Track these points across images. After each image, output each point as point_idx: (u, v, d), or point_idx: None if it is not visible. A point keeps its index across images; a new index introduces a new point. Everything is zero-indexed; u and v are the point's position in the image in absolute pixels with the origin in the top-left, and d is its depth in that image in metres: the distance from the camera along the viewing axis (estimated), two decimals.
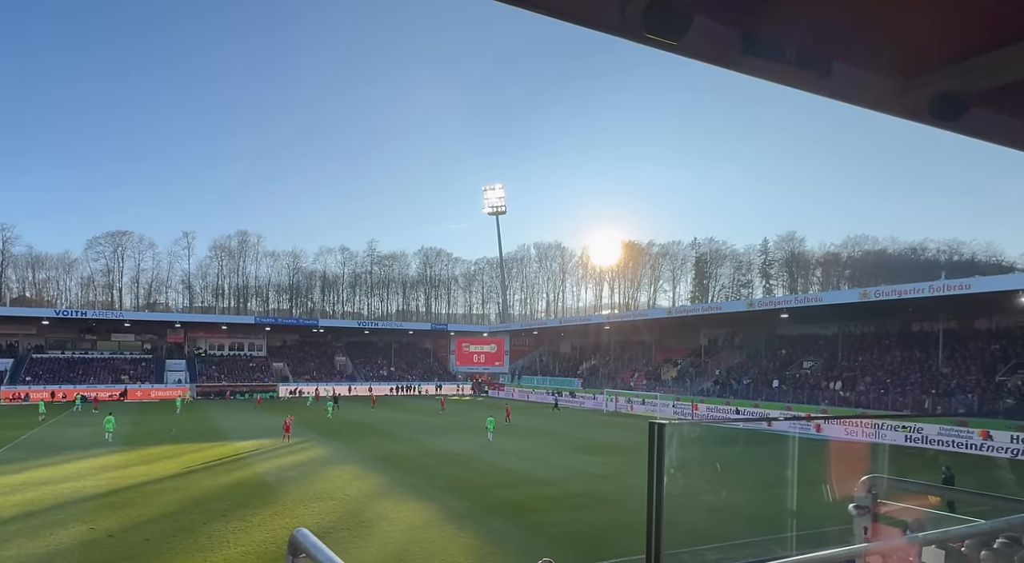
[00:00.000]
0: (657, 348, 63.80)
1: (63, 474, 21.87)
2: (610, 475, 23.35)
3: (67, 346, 64.02)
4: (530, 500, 19.02)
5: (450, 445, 30.46)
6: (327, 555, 1.78)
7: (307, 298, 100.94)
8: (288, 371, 70.17)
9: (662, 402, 50.14)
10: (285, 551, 2.13)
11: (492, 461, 25.76)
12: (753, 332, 53.54)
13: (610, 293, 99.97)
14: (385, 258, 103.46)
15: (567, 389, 62.98)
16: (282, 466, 24.23)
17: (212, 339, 71.54)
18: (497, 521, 16.60)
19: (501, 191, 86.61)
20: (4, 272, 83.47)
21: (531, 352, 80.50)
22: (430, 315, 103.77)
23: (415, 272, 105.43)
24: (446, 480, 21.85)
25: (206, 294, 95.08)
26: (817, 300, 43.61)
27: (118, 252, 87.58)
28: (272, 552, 13.78)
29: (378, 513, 17.24)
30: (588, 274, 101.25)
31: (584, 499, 19.40)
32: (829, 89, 2.33)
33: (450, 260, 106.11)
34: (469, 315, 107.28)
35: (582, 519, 17.05)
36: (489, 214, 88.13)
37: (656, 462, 1.99)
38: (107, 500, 18.24)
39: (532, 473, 23.45)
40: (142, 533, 15.03)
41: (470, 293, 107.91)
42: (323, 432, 34.66)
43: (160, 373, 63.27)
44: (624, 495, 19.89)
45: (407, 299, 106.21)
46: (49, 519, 16.14)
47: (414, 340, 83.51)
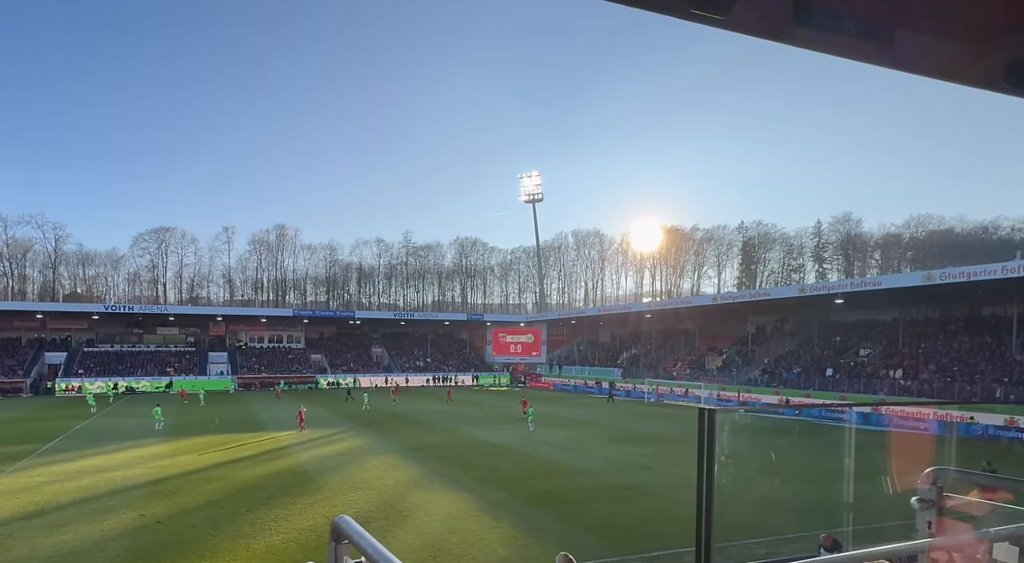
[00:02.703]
0: (701, 336, 62.52)
1: (114, 462, 23.23)
2: (652, 466, 23.08)
3: (116, 340, 67.84)
4: (568, 491, 19.00)
5: (487, 435, 30.74)
6: (369, 541, 1.78)
7: (343, 290, 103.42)
8: (326, 363, 72.27)
9: (706, 391, 49.20)
10: (327, 538, 2.13)
11: (529, 452, 25.85)
12: (804, 318, 51.74)
13: (651, 280, 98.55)
14: (420, 249, 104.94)
15: (607, 379, 62.59)
16: (321, 456, 25.00)
17: (252, 332, 74.32)
18: (535, 512, 16.65)
19: (538, 178, 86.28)
20: (57, 269, 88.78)
21: (569, 342, 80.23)
22: (466, 305, 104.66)
23: (451, 262, 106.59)
24: (483, 470, 22.07)
25: (246, 288, 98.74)
26: (876, 284, 41.62)
27: (162, 248, 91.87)
28: (313, 540, 14.23)
29: (416, 503, 17.57)
30: (628, 261, 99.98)
31: (624, 490, 19.24)
32: (891, 59, 2.14)
33: (486, 249, 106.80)
34: (505, 305, 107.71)
35: (622, 511, 16.91)
36: (525, 202, 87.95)
37: (706, 450, 1.88)
38: (156, 487, 19.25)
39: (570, 464, 23.41)
40: (189, 520, 15.78)
41: (506, 283, 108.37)
42: (361, 423, 35.59)
43: (203, 365, 66.30)
44: (666, 487, 19.62)
45: (443, 290, 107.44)
46: (102, 505, 17.14)
47: (450, 331, 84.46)
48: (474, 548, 13.76)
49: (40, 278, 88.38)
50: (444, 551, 13.57)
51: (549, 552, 13.62)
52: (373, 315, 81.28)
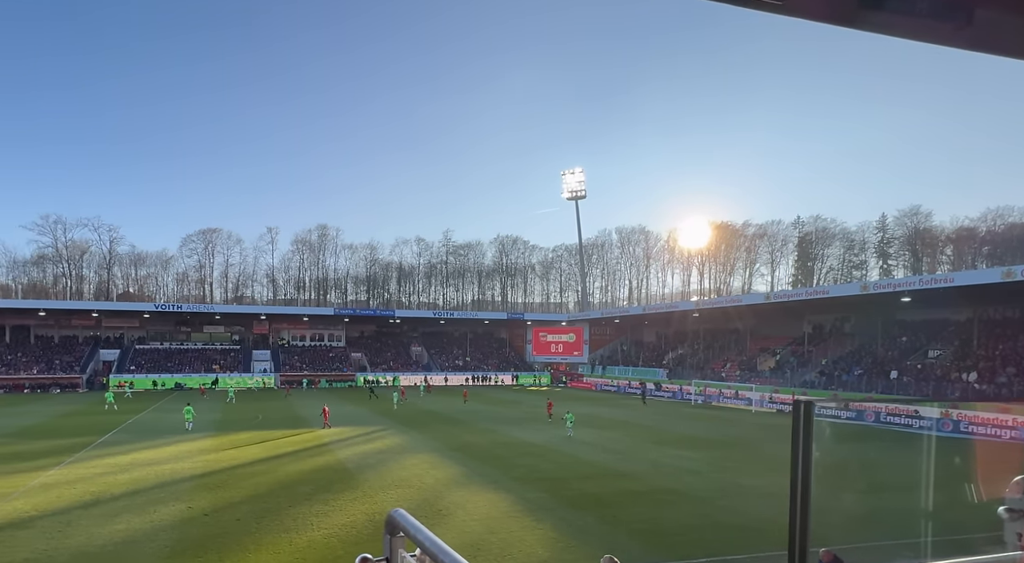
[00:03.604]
0: (752, 336, 60.66)
1: (163, 456, 24.39)
2: (700, 471, 22.48)
3: (165, 337, 71.50)
4: (611, 494, 18.72)
5: (527, 436, 30.71)
6: (425, 534, 1.75)
7: (383, 289, 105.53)
8: (366, 361, 73.91)
9: (758, 394, 47.66)
10: (368, 533, 2.08)
11: (570, 453, 25.65)
12: (867, 318, 49.40)
13: (699, 278, 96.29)
14: (460, 248, 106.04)
15: (651, 380, 61.53)
16: (361, 453, 25.53)
17: (294, 330, 76.81)
18: (576, 514, 16.48)
19: (581, 175, 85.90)
20: (111, 270, 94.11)
21: (612, 341, 79.35)
22: (506, 304, 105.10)
23: (491, 261, 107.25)
24: (523, 471, 22.03)
25: (288, 287, 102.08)
26: (947, 281, 39.25)
27: (208, 248, 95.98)
28: (353, 536, 14.50)
29: (455, 502, 17.68)
30: (675, 259, 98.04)
31: (670, 495, 18.81)
32: (969, 40, 1.94)
33: (527, 248, 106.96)
34: (546, 304, 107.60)
35: (668, 516, 16.53)
36: (568, 199, 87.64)
37: (802, 446, 1.73)
38: (202, 481, 20.07)
39: (613, 466, 23.08)
40: (234, 513, 16.37)
41: (547, 281, 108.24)
42: (400, 421, 36.20)
43: (247, 363, 69.03)
44: (715, 492, 19.10)
45: (483, 288, 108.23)
46: (152, 497, 18.00)
47: (490, 330, 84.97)
48: (514, 549, 13.71)
49: (96, 278, 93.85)
50: (484, 551, 13.57)
51: (591, 555, 13.44)
52: (413, 314, 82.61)
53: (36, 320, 66.44)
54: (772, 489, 18.85)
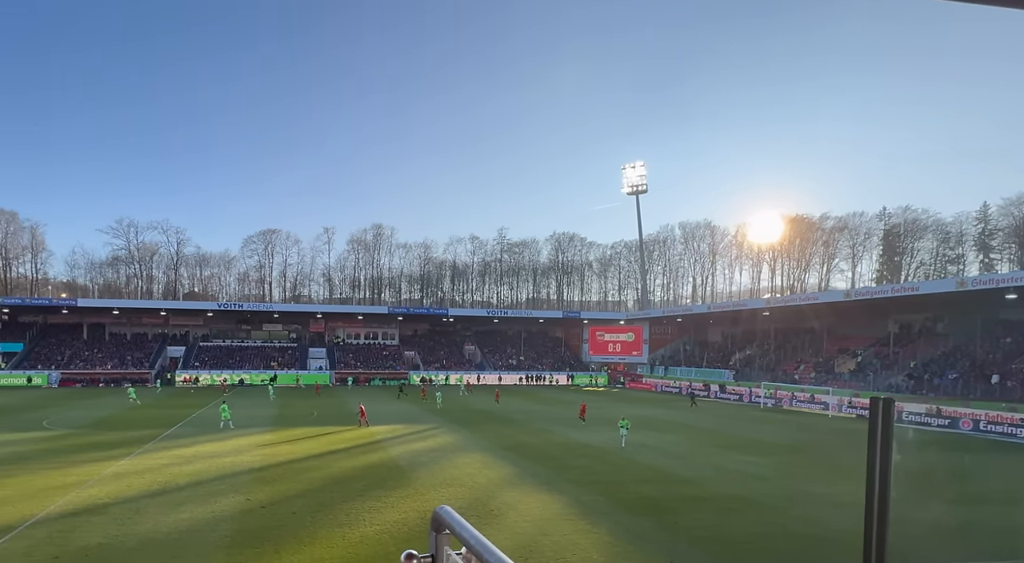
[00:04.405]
0: (829, 336, 57.79)
1: (224, 449, 25.81)
2: (769, 477, 21.60)
3: (227, 335, 75.84)
4: (671, 499, 18.27)
5: (582, 437, 30.47)
6: (471, 532, 1.77)
7: (437, 288, 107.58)
8: (419, 359, 75.55)
9: (835, 397, 45.26)
10: (427, 528, 2.13)
11: (628, 455, 25.24)
12: (964, 317, 45.99)
13: (770, 275, 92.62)
14: (515, 245, 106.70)
15: (716, 381, 59.66)
16: (414, 451, 26.09)
17: (349, 328, 79.55)
18: (633, 519, 16.18)
19: (642, 169, 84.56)
20: (178, 270, 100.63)
21: (674, 341, 77.59)
22: (562, 303, 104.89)
23: (546, 259, 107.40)
24: (578, 473, 21.87)
25: (344, 286, 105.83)
26: None
27: (268, 249, 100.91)
28: (404, 533, 14.84)
29: (507, 502, 17.76)
30: (743, 255, 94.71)
31: (735, 502, 18.16)
32: None
33: (584, 245, 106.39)
34: (604, 302, 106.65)
35: (733, 523, 15.96)
36: (628, 194, 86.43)
37: (880, 446, 1.60)
38: (260, 474, 21.10)
39: (674, 470, 22.53)
40: (289, 506, 17.11)
41: (605, 279, 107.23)
42: (452, 420, 36.77)
43: (304, 360, 72.09)
44: (785, 500, 18.31)
45: (538, 287, 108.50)
46: (213, 488, 19.08)
47: (544, 328, 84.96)
48: (568, 552, 13.61)
49: (164, 279, 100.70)
50: (536, 553, 13.55)
51: (648, 562, 13.17)
52: (466, 312, 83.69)
53: (111, 318, 72.05)
54: (850, 499, 17.81)
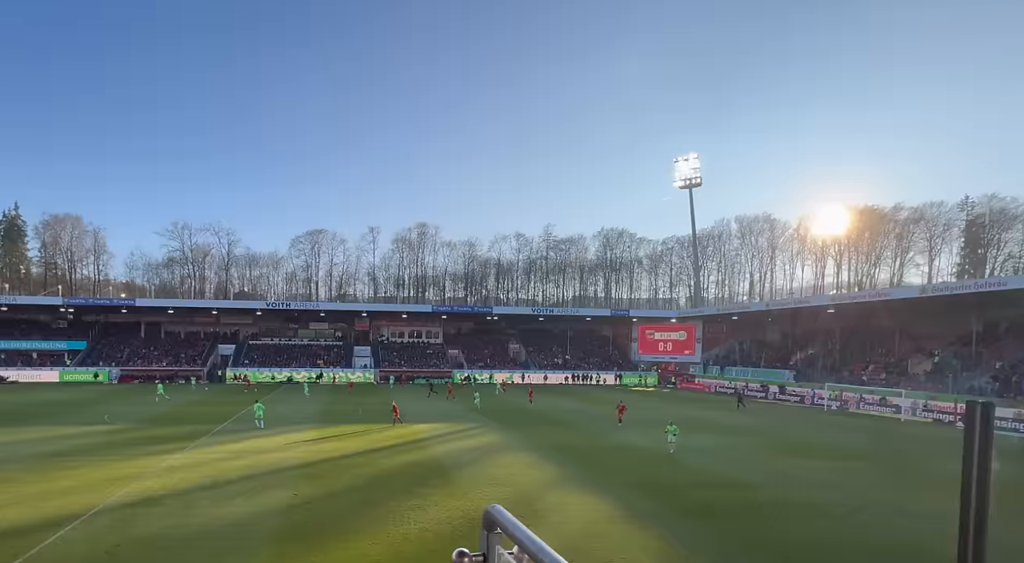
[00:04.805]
0: (902, 335, 55.06)
1: (272, 445, 26.75)
2: (835, 484, 20.73)
3: (275, 334, 78.79)
4: (728, 505, 17.78)
5: (631, 438, 30.09)
6: (524, 532, 1.76)
7: (481, 286, 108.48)
8: (463, 358, 76.33)
9: (909, 400, 43.01)
10: (474, 528, 2.13)
11: (681, 459, 24.72)
12: None
13: (836, 270, 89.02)
14: (562, 242, 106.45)
15: (775, 382, 57.73)
16: (457, 450, 26.35)
17: (393, 327, 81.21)
18: (686, 524, 15.82)
19: (696, 161, 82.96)
20: (229, 271, 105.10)
21: (729, 340, 75.63)
22: (609, 301, 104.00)
23: (594, 256, 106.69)
24: (627, 475, 21.58)
25: (388, 285, 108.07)
26: None
27: (315, 249, 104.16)
28: (448, 532, 14.99)
29: (553, 503, 17.68)
30: (806, 249, 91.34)
31: (799, 509, 17.50)
32: None
33: (633, 241, 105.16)
34: (654, 300, 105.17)
35: (796, 531, 15.38)
36: (681, 188, 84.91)
37: (978, 455, 1.45)
38: (306, 470, 21.75)
39: (731, 475, 21.93)
40: (335, 503, 17.58)
41: (656, 276, 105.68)
42: (496, 419, 36.98)
43: (349, 359, 74.10)
44: (854, 508, 17.51)
45: (584, 284, 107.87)
46: (262, 483, 19.79)
47: (591, 327, 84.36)
48: (616, 556, 13.44)
49: (215, 279, 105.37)
50: (584, 555, 13.42)
51: None
52: (511, 311, 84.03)
53: (166, 317, 76.00)
54: (928, 510, 16.91)
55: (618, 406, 36.61)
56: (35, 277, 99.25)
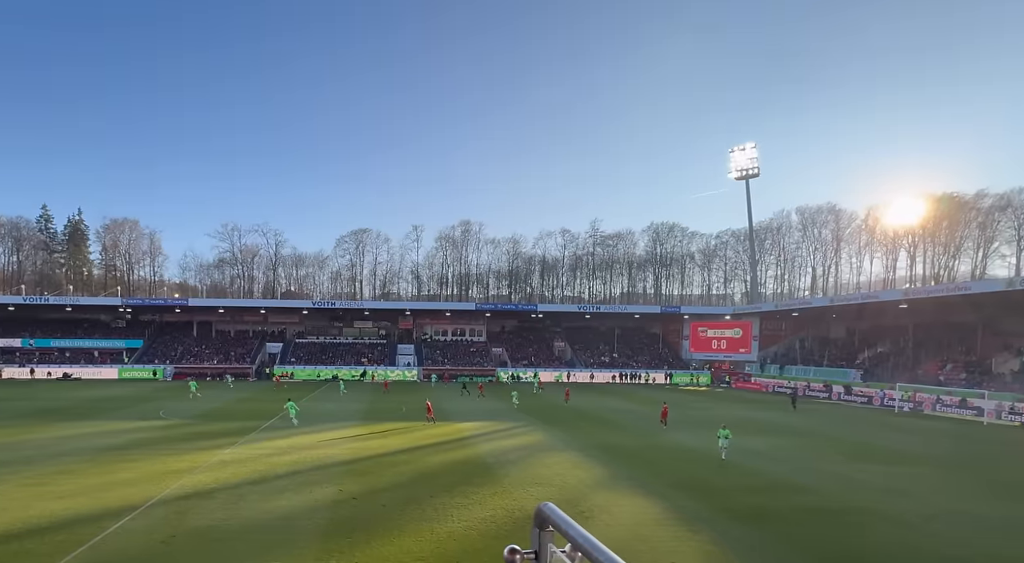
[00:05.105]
0: (986, 332, 52.30)
1: (317, 442, 27.66)
2: (906, 490, 19.87)
3: (321, 332, 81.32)
4: (783, 509, 17.32)
5: (682, 439, 29.67)
6: (578, 530, 1.82)
7: (526, 283, 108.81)
8: (506, 356, 76.78)
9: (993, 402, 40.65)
10: (519, 527, 2.22)
11: (734, 460, 24.18)
12: None
13: (909, 263, 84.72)
14: (609, 238, 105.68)
15: (839, 382, 55.62)
16: (502, 449, 26.58)
17: (437, 325, 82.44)
18: (741, 528, 15.50)
19: (753, 151, 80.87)
20: (276, 271, 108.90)
21: (788, 337, 73.38)
22: (659, 297, 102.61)
23: (643, 251, 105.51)
24: (677, 477, 21.30)
25: (432, 283, 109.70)
26: None
27: (359, 248, 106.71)
28: (492, 530, 15.18)
29: (599, 504, 17.63)
30: (875, 241, 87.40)
31: (861, 515, 16.90)
32: None
33: (684, 235, 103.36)
34: (707, 296, 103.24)
35: (860, 539, 14.87)
36: (736, 179, 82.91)
37: None
38: (351, 467, 22.39)
39: (788, 478, 21.34)
40: (379, 499, 18.03)
41: (709, 271, 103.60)
42: (541, 418, 37.12)
43: (393, 357, 75.84)
44: (926, 517, 16.79)
45: (633, 280, 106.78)
46: (309, 478, 20.50)
47: (640, 324, 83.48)
48: (665, 559, 13.31)
49: (263, 279, 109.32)
50: (632, 558, 13.21)
51: None
52: (556, 308, 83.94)
53: (217, 316, 79.55)
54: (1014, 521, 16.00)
55: (663, 408, 36.01)
56: (96, 279, 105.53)
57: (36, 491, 18.38)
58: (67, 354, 71.52)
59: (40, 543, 13.88)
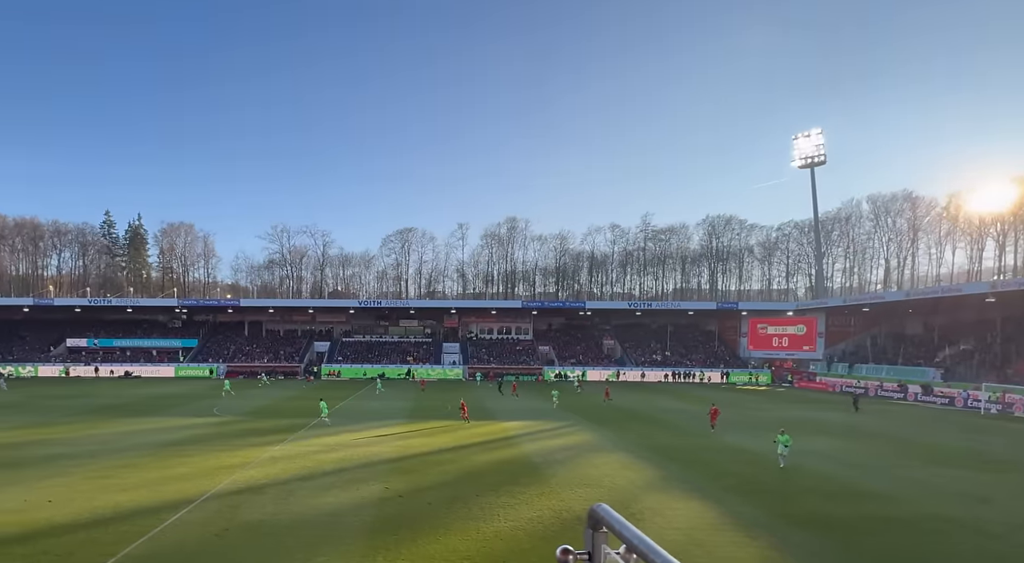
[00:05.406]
0: None
1: (363, 439, 28.37)
2: (992, 498, 18.82)
3: (367, 331, 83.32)
4: (852, 516, 16.66)
5: (740, 440, 28.96)
6: (633, 531, 1.82)
7: (574, 280, 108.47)
8: (553, 355, 76.69)
9: None
10: (567, 528, 2.26)
11: (798, 463, 23.37)
12: None
13: (998, 253, 79.88)
14: (661, 232, 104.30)
15: (916, 382, 53.01)
16: (549, 448, 26.56)
17: (482, 323, 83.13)
18: (803, 535, 15.01)
19: (819, 137, 78.23)
20: (323, 271, 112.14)
21: (858, 334, 70.51)
22: (715, 293, 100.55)
23: (697, 245, 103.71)
24: (734, 480, 20.80)
25: (477, 281, 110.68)
26: None
27: (405, 247, 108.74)
28: (540, 531, 15.20)
29: (651, 507, 17.40)
30: (957, 230, 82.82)
31: (942, 523, 16.10)
32: None
33: (743, 228, 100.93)
34: (767, 291, 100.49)
35: (939, 549, 14.18)
36: (800, 167, 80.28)
37: None
38: (397, 465, 22.85)
39: (857, 483, 20.52)
40: (425, 497, 18.34)
41: (769, 265, 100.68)
42: (589, 417, 36.96)
43: (438, 355, 76.96)
44: (1015, 528, 15.77)
45: (687, 276, 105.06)
46: (355, 476, 21.04)
47: (694, 321, 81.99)
48: None
49: (311, 279, 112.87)
50: None
51: None
52: (605, 305, 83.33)
53: (267, 316, 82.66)
54: None
55: (711, 410, 34.21)
56: (154, 281, 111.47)
57: (101, 483, 19.63)
58: (128, 353, 75.89)
59: (105, 532, 14.81)
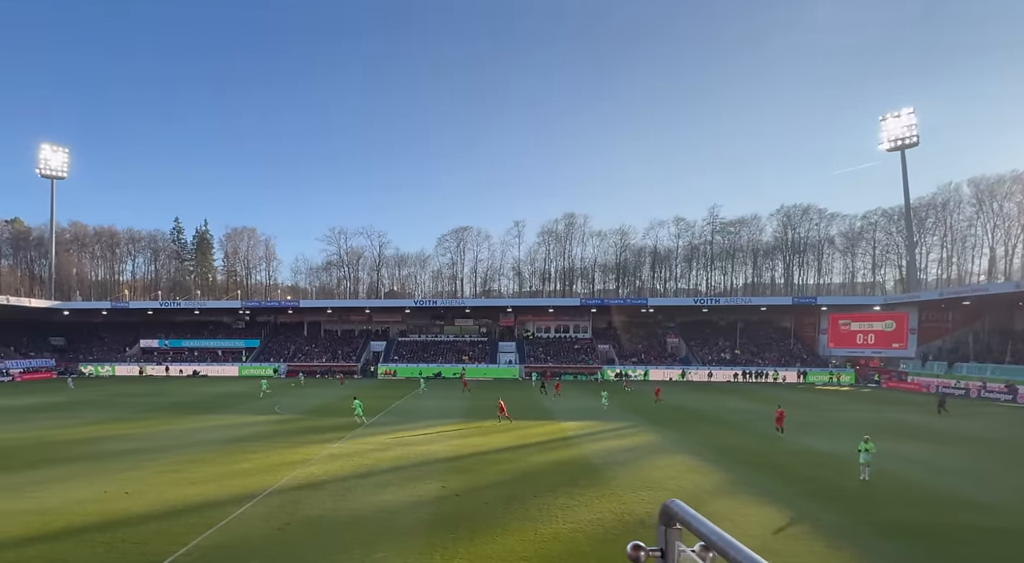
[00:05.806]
0: None
1: (420, 438, 28.94)
2: None
3: (422, 331, 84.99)
4: (951, 527, 15.73)
5: (818, 444, 27.88)
6: (710, 527, 1.81)
7: (635, 277, 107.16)
8: (614, 353, 75.93)
9: None
10: (628, 531, 2.28)
11: (883, 468, 22.23)
12: None
13: None
14: (730, 225, 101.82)
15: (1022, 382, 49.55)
16: (609, 449, 26.33)
17: (539, 322, 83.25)
18: (893, 546, 14.30)
19: (910, 117, 74.09)
20: (379, 271, 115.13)
21: (957, 330, 66.39)
22: (791, 287, 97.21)
23: (770, 237, 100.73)
24: (811, 485, 20.02)
25: (533, 279, 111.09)
26: None
27: (460, 246, 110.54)
28: (600, 534, 15.08)
29: (719, 512, 16.95)
30: None
31: None
32: None
33: (821, 217, 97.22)
34: (850, 284, 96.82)
35: None
36: (889, 150, 76.33)
37: None
38: (454, 464, 23.18)
39: (957, 491, 19.39)
40: (482, 496, 18.52)
41: (852, 257, 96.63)
42: (651, 418, 36.49)
43: (494, 354, 77.62)
44: None
45: (759, 270, 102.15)
46: (412, 474, 21.49)
47: (767, 317, 79.46)
48: None
49: (367, 279, 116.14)
50: None
51: None
52: (668, 302, 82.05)
53: (325, 317, 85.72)
54: None
55: (777, 412, 31.62)
56: (219, 284, 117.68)
57: (171, 477, 20.89)
58: (195, 353, 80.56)
59: (176, 524, 15.74)
